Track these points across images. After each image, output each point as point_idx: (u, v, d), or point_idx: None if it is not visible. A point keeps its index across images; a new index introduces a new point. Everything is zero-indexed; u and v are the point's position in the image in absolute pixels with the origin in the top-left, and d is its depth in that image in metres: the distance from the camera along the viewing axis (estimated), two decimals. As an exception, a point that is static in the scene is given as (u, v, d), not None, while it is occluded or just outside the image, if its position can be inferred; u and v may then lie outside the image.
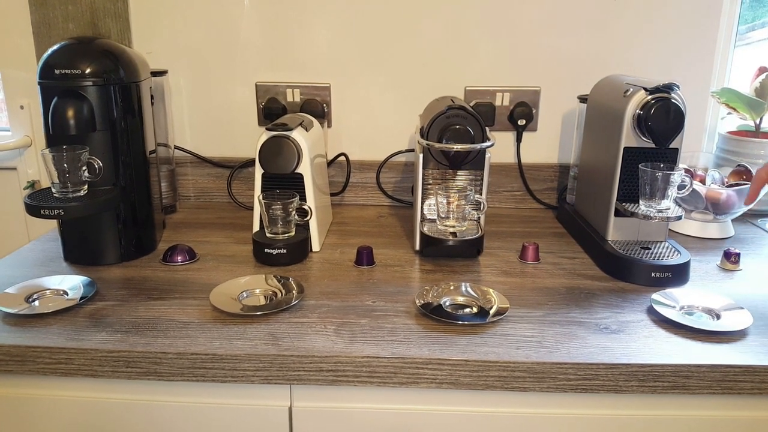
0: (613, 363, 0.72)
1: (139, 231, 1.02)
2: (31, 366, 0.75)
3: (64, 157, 0.90)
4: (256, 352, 0.73)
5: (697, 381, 0.72)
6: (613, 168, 0.99)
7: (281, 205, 0.98)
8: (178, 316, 0.82)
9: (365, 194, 1.34)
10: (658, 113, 0.92)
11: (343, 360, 0.73)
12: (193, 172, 1.34)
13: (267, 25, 1.27)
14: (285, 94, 1.30)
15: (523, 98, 1.29)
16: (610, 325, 0.81)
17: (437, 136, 0.98)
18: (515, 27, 1.25)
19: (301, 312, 0.84)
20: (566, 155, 1.32)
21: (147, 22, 1.28)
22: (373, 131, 1.32)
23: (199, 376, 0.74)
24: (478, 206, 1.03)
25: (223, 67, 1.30)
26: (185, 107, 1.32)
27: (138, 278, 0.94)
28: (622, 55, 1.26)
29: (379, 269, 0.98)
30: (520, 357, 0.73)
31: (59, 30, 1.26)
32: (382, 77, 1.29)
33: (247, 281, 0.91)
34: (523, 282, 0.94)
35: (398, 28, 1.26)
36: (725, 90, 1.22)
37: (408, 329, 0.79)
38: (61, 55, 0.93)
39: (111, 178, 0.96)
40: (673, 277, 0.93)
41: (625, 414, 0.76)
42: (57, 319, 0.81)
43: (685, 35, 1.25)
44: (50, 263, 0.99)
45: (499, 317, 0.81)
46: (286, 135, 1.00)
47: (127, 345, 0.75)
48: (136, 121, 0.99)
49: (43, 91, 0.92)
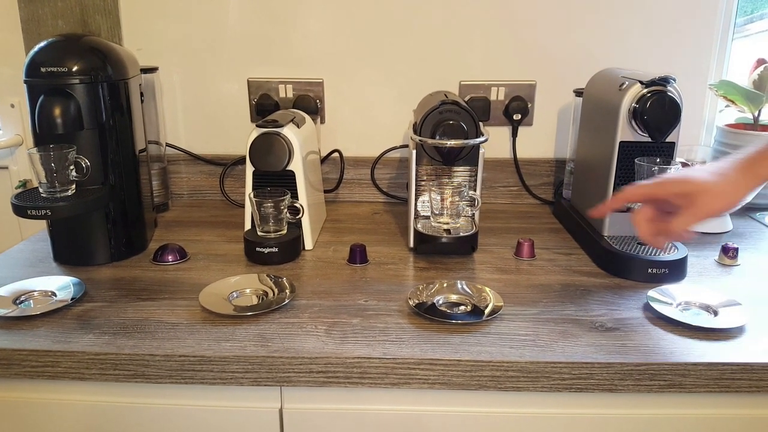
0: (609, 362, 0.71)
1: (130, 230, 1.01)
2: (17, 369, 0.74)
3: (51, 157, 0.89)
4: (245, 353, 0.72)
5: (694, 379, 0.71)
6: (609, 162, 0.97)
7: (272, 203, 0.97)
8: (167, 317, 0.81)
9: (360, 191, 1.33)
10: (653, 107, 0.91)
11: (334, 361, 0.72)
12: (185, 170, 1.33)
13: (259, 20, 1.25)
14: (277, 90, 1.29)
15: (519, 92, 1.27)
16: (606, 322, 0.80)
17: (430, 132, 0.97)
18: (510, 20, 1.24)
19: (292, 312, 0.82)
20: (562, 150, 1.31)
21: (137, 18, 1.26)
22: (368, 127, 1.31)
23: (188, 379, 0.73)
24: (472, 202, 1.02)
25: (214, 63, 1.28)
26: (177, 104, 1.31)
27: (128, 278, 0.93)
28: (618, 48, 1.24)
29: (372, 267, 0.97)
30: (513, 356, 0.72)
31: (48, 27, 1.25)
32: (375, 72, 1.28)
33: (237, 281, 0.90)
34: (518, 279, 0.93)
35: (392, 23, 1.25)
36: (723, 82, 1.20)
37: (400, 329, 0.78)
38: (47, 52, 0.91)
39: (100, 177, 0.95)
40: (670, 273, 0.92)
41: (620, 413, 0.75)
42: (44, 321, 0.80)
43: (682, 27, 1.23)
44: (40, 264, 0.98)
45: (493, 316, 0.80)
46: (277, 132, 0.99)
47: (114, 347, 0.74)
48: (125, 119, 0.98)
49: (29, 89, 0.91)
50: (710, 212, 0.75)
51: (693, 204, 0.75)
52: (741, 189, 0.74)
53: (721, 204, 0.75)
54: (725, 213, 0.77)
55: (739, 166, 0.75)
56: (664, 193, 0.78)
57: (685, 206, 0.76)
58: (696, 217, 0.75)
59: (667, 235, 0.78)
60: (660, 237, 0.79)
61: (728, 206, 0.75)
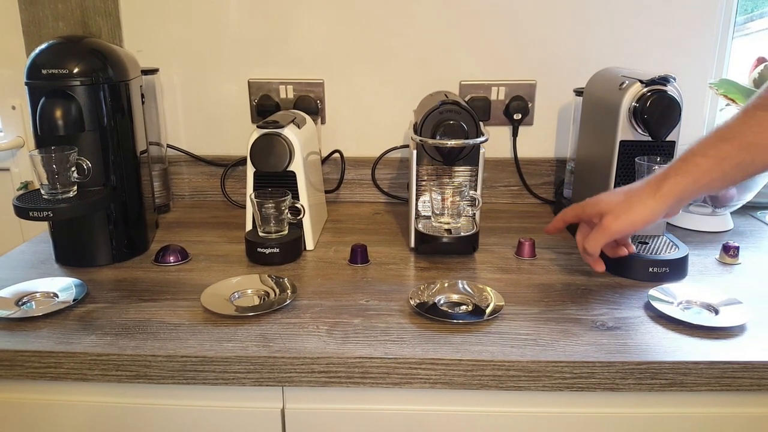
0: (610, 361, 0.71)
1: (131, 231, 1.01)
2: (20, 370, 0.74)
3: (53, 158, 0.89)
4: (247, 353, 0.72)
5: (695, 378, 0.71)
6: (610, 162, 0.97)
7: (273, 204, 0.97)
8: (169, 317, 0.81)
9: (361, 191, 1.33)
10: (654, 106, 0.91)
11: (336, 361, 0.72)
12: (186, 171, 1.33)
13: (259, 21, 1.25)
14: (278, 91, 1.29)
15: (519, 92, 1.27)
16: (607, 321, 0.80)
17: (431, 132, 0.97)
18: (510, 20, 1.24)
19: (293, 312, 0.83)
20: (563, 149, 1.31)
21: (138, 20, 1.26)
22: (368, 127, 1.31)
23: (190, 379, 0.73)
24: (473, 202, 1.02)
25: (215, 64, 1.28)
26: (178, 105, 1.31)
27: (129, 279, 0.93)
28: (618, 47, 1.24)
29: (373, 267, 0.97)
30: (514, 355, 0.72)
31: (49, 29, 1.25)
32: (376, 72, 1.28)
33: (239, 281, 0.90)
34: (519, 278, 0.93)
35: (392, 23, 1.25)
36: (723, 81, 1.20)
37: (402, 328, 0.78)
38: (48, 54, 0.92)
39: (101, 179, 0.95)
40: (671, 271, 0.92)
41: (622, 412, 0.75)
42: (47, 323, 0.80)
43: (682, 26, 1.23)
44: (41, 265, 0.99)
45: (494, 315, 0.80)
46: (278, 132, 0.99)
47: (116, 348, 0.74)
48: (126, 120, 0.98)
49: (30, 91, 0.91)
50: (614, 231, 0.80)
51: (600, 224, 0.80)
52: (646, 208, 0.77)
53: (623, 223, 0.79)
54: (635, 230, 0.80)
55: (646, 184, 0.78)
56: (584, 213, 0.84)
57: (596, 227, 0.81)
58: (603, 236, 0.80)
59: (587, 253, 0.83)
60: (586, 255, 0.84)
61: (632, 224, 0.78)
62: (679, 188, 0.75)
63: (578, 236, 0.86)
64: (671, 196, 0.76)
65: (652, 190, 0.77)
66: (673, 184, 0.75)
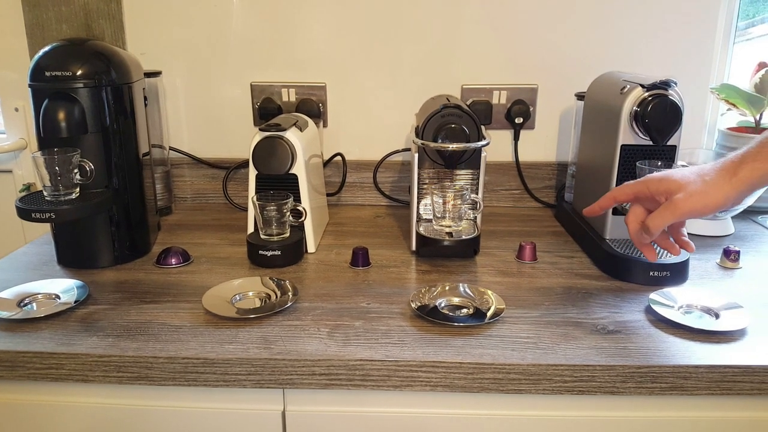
0: (610, 364, 0.71)
1: (133, 233, 1.01)
2: (21, 371, 0.74)
3: (56, 160, 0.89)
4: (248, 356, 0.73)
5: (696, 382, 0.71)
6: (611, 166, 0.97)
7: (275, 207, 0.97)
8: (170, 319, 0.81)
9: (362, 194, 1.33)
10: (655, 110, 0.91)
11: (336, 363, 0.72)
12: (189, 174, 1.33)
13: (261, 24, 1.26)
14: (280, 94, 1.29)
15: (521, 96, 1.27)
16: (608, 325, 0.80)
17: (432, 136, 0.97)
18: (512, 24, 1.24)
19: (294, 315, 0.83)
20: (564, 153, 1.31)
21: (141, 22, 1.27)
22: (370, 130, 1.31)
23: (191, 381, 0.73)
24: (474, 206, 1.02)
25: (217, 67, 1.29)
26: (180, 108, 1.32)
27: (131, 281, 0.93)
28: (619, 51, 1.25)
29: (374, 270, 0.98)
30: (515, 359, 0.72)
31: (53, 31, 1.25)
32: (378, 76, 1.28)
33: (240, 284, 0.90)
34: (520, 282, 0.93)
35: (394, 27, 1.25)
36: (725, 86, 1.20)
37: (402, 331, 0.78)
38: (51, 57, 0.92)
39: (103, 181, 0.96)
40: (672, 275, 0.92)
41: (622, 416, 0.75)
42: (48, 324, 0.80)
43: (683, 31, 1.23)
44: (44, 267, 0.99)
45: (495, 318, 0.80)
46: (280, 135, 0.99)
47: (118, 350, 0.74)
48: (129, 122, 0.98)
49: (34, 93, 0.91)
50: (685, 211, 0.74)
51: (670, 201, 0.75)
52: (720, 191, 0.73)
53: (696, 204, 0.74)
54: (704, 215, 0.75)
55: (721, 168, 0.74)
56: (647, 190, 0.78)
57: (664, 204, 0.76)
58: (672, 214, 0.75)
59: (648, 232, 0.78)
60: (644, 235, 0.79)
61: (705, 207, 0.74)
62: (757, 174, 0.71)
63: (630, 217, 0.81)
64: (747, 181, 0.72)
65: (728, 174, 0.72)
66: (750, 169, 0.71)
